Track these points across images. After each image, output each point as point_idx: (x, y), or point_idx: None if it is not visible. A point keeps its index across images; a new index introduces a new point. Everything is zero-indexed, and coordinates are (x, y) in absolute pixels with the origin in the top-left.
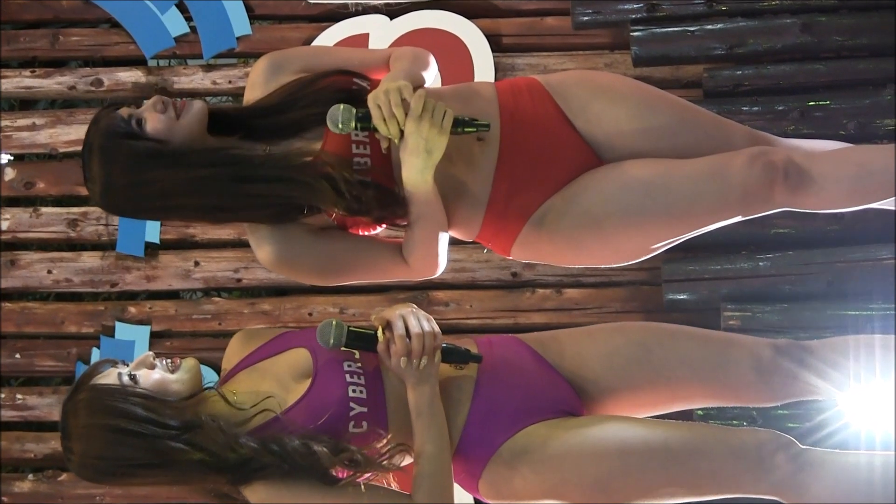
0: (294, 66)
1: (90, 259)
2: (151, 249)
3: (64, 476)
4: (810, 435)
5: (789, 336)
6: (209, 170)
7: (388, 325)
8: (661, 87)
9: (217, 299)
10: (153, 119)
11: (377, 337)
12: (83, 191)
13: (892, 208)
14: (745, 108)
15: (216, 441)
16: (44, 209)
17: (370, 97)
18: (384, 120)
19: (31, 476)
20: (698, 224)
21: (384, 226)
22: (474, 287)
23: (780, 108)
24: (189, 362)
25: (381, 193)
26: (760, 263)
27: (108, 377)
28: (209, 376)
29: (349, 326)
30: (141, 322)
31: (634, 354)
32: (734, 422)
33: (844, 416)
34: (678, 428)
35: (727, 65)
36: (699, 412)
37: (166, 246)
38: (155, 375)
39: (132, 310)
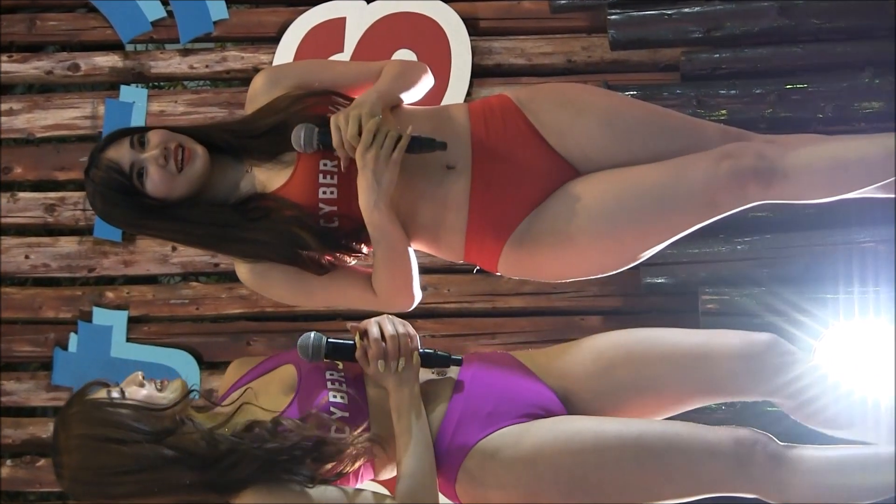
0: (289, 82)
1: (67, 244)
2: (129, 234)
3: (42, 461)
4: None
5: (764, 318)
6: (200, 227)
7: (364, 333)
8: (638, 70)
9: (195, 284)
10: (154, 175)
11: (356, 346)
12: (60, 176)
13: (874, 196)
14: (722, 92)
15: (194, 439)
16: (21, 194)
17: (332, 119)
18: (342, 144)
19: (9, 462)
20: (674, 228)
21: (358, 255)
22: (452, 271)
23: (758, 91)
24: (176, 383)
25: (348, 239)
26: (738, 247)
27: (98, 394)
28: (191, 369)
29: (328, 339)
30: (118, 307)
31: (617, 357)
32: (713, 404)
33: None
34: (653, 424)
35: (704, 48)
36: None
37: None
38: (143, 392)
39: (110, 295)
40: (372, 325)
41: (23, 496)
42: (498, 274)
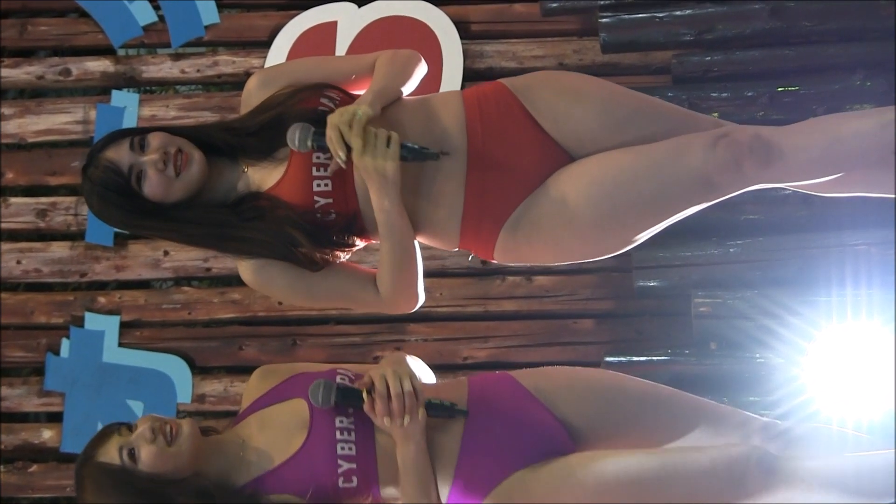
0: (282, 82)
1: (59, 249)
2: (121, 239)
3: (34, 467)
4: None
5: (757, 320)
6: (196, 228)
7: (371, 386)
8: (630, 73)
9: (187, 289)
10: (153, 179)
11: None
12: (52, 181)
13: (869, 195)
14: (714, 94)
15: None
16: (12, 199)
17: (329, 119)
18: (335, 146)
19: (1, 467)
20: (672, 210)
21: (350, 249)
22: (444, 275)
23: (750, 93)
24: (186, 429)
25: (341, 234)
26: (731, 250)
27: (110, 450)
28: (183, 373)
29: (338, 387)
30: (111, 312)
31: (633, 412)
32: None
33: (816, 402)
34: (650, 456)
35: (696, 51)
36: None
37: (135, 235)
38: (153, 449)
39: (102, 300)
40: (379, 382)
41: (15, 502)
42: (494, 261)
